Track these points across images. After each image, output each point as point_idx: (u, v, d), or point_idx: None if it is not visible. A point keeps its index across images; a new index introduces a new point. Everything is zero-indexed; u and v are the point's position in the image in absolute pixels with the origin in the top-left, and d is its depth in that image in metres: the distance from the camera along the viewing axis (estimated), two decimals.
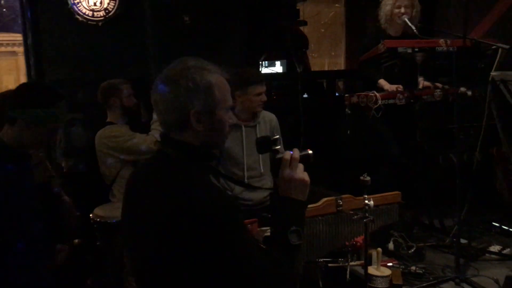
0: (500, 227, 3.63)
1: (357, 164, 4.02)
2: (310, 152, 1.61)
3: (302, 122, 4.21)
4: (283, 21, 4.20)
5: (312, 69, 5.93)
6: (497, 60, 3.16)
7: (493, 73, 3.20)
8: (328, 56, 6.43)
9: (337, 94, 4.71)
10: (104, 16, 3.71)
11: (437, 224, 3.67)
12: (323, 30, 6.40)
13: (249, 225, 2.20)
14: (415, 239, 3.45)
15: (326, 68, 6.29)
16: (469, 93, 2.96)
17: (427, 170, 3.64)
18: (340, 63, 6.19)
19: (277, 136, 1.59)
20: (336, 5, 6.18)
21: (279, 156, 1.57)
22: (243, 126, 3.01)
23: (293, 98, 4.32)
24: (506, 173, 3.85)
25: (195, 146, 1.45)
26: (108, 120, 3.14)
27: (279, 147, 1.59)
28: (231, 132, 2.94)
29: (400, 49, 3.09)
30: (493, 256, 3.23)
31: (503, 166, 3.89)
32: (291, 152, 1.57)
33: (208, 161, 1.52)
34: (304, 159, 1.57)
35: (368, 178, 2.21)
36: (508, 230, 3.53)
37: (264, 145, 1.60)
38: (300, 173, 1.54)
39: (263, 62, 4.72)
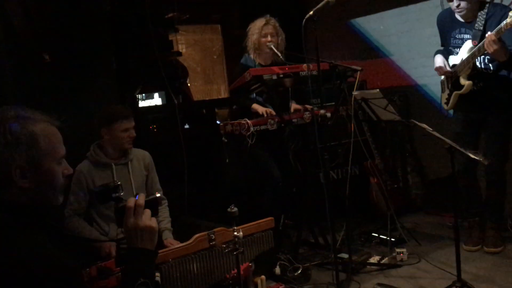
0: (379, 237, 3.82)
1: (239, 191, 4.06)
2: (158, 195, 1.54)
3: (184, 153, 4.15)
4: (156, 52, 4.13)
5: (207, 97, 5.94)
6: (356, 81, 3.36)
7: (354, 93, 3.41)
8: (222, 82, 6.50)
9: (218, 122, 4.72)
10: None
11: (322, 241, 3.76)
12: (215, 57, 6.46)
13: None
14: (301, 259, 3.51)
15: (221, 94, 6.34)
16: (328, 114, 3.10)
17: (306, 189, 3.73)
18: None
19: (119, 183, 1.50)
20: (215, 34, 6.28)
21: (122, 204, 1.48)
22: (113, 165, 2.87)
23: (173, 129, 4.25)
24: (380, 184, 4.08)
25: (21, 206, 1.32)
26: None
27: (121, 193, 1.50)
28: (100, 171, 2.82)
29: (265, 77, 3.16)
30: (373, 267, 3.37)
31: (377, 178, 4.13)
32: (136, 198, 1.49)
33: (40, 219, 1.38)
34: (150, 204, 1.50)
35: (235, 209, 2.18)
36: (385, 240, 3.71)
37: (104, 194, 1.50)
38: (147, 220, 1.47)
39: (140, 95, 4.60)
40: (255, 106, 3.50)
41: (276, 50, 3.53)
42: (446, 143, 2.52)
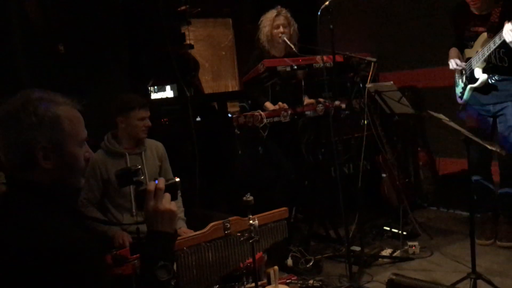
0: (390, 231, 3.81)
1: (251, 183, 4.06)
2: (177, 179, 1.55)
3: (196, 146, 4.16)
4: (168, 45, 4.13)
5: (213, 91, 5.94)
6: (370, 73, 3.35)
7: (368, 86, 3.40)
8: (231, 78, 6.52)
9: (229, 115, 4.73)
10: None
11: (333, 234, 3.76)
12: (224, 53, 6.47)
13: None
14: (313, 251, 3.50)
15: (230, 89, 6.36)
16: (343, 105, 3.09)
17: (318, 183, 3.72)
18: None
19: (139, 167, 1.51)
20: (226, 29, 6.28)
21: (142, 188, 1.49)
22: (127, 154, 2.88)
23: (185, 122, 4.26)
24: (392, 178, 4.07)
25: (44, 186, 1.32)
26: None
27: (142, 177, 1.50)
28: (114, 160, 2.83)
29: (279, 68, 3.16)
30: (385, 260, 3.37)
31: (389, 172, 4.12)
32: (156, 182, 1.49)
33: (63, 201, 1.39)
34: (170, 188, 1.50)
35: (250, 198, 2.18)
36: (397, 233, 3.70)
37: (125, 177, 1.51)
38: (167, 203, 1.47)
39: (152, 87, 4.61)
40: (268, 104, 3.50)
41: (289, 42, 3.52)
42: (462, 134, 2.51)
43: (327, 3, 2.74)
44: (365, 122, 3.40)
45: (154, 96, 4.60)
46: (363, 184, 3.51)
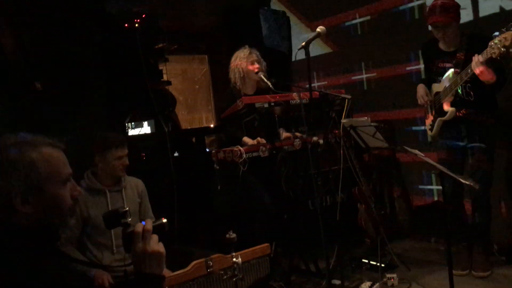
0: (369, 263, 3.84)
1: (230, 218, 4.06)
2: (165, 220, 1.56)
3: (174, 181, 4.15)
4: (146, 82, 4.18)
5: (190, 126, 5.97)
6: (345, 108, 3.45)
7: (343, 121, 3.49)
8: (206, 111, 6.57)
9: (207, 150, 4.75)
10: None
11: (313, 268, 3.77)
12: (197, 86, 6.54)
13: None
14: (294, 286, 3.50)
15: (205, 122, 6.41)
16: (321, 141, 3.17)
17: (297, 216, 3.76)
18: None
19: (127, 208, 1.51)
20: (202, 64, 6.38)
21: (130, 229, 1.49)
22: (107, 192, 2.87)
23: (163, 157, 4.27)
24: (368, 210, 4.14)
25: (25, 230, 1.32)
26: None
27: (129, 219, 1.51)
28: (94, 198, 2.82)
29: (257, 105, 3.23)
30: None
31: (365, 204, 4.19)
32: (143, 223, 1.50)
33: (44, 242, 1.38)
34: (157, 230, 1.51)
35: (234, 236, 2.20)
36: (376, 265, 3.74)
37: (112, 219, 1.51)
38: (155, 245, 1.48)
39: (130, 123, 4.62)
40: (246, 139, 3.55)
41: (265, 79, 3.61)
42: (437, 169, 2.60)
43: (303, 43, 2.85)
44: (341, 155, 3.49)
45: (131, 132, 4.60)
46: (341, 216, 3.56)
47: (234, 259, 2.19)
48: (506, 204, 3.94)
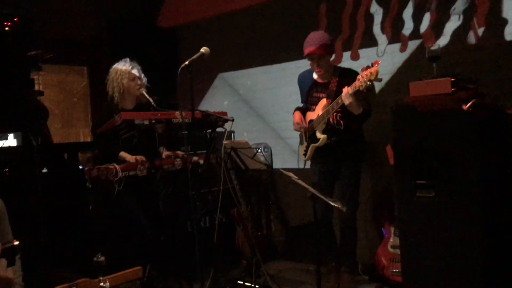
0: (244, 285, 3.88)
1: (103, 240, 3.85)
2: (16, 243, 1.41)
3: (41, 200, 3.83)
4: (14, 90, 3.84)
5: (63, 140, 5.57)
6: (226, 130, 3.50)
7: (224, 142, 3.54)
8: (83, 126, 6.20)
9: (80, 167, 4.47)
10: None
11: None
12: (76, 100, 6.16)
13: None
14: None
15: (81, 138, 6.03)
16: (201, 160, 3.16)
17: (175, 238, 3.68)
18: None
19: None
20: (80, 76, 6.05)
21: None
22: None
23: (30, 173, 3.92)
24: (246, 231, 4.20)
25: None
26: None
27: None
28: None
29: (137, 121, 3.13)
30: None
31: (243, 225, 4.24)
32: None
33: None
34: (7, 253, 1.36)
35: (102, 259, 2.07)
36: (250, 287, 3.78)
37: None
38: (1, 271, 1.33)
39: None
40: (123, 154, 3.41)
41: (147, 95, 3.53)
42: (309, 191, 2.73)
43: (186, 62, 2.84)
44: (221, 176, 3.51)
45: None
46: (219, 238, 3.56)
47: (102, 284, 2.04)
48: (370, 226, 4.27)
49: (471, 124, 2.80)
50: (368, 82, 3.01)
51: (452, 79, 2.86)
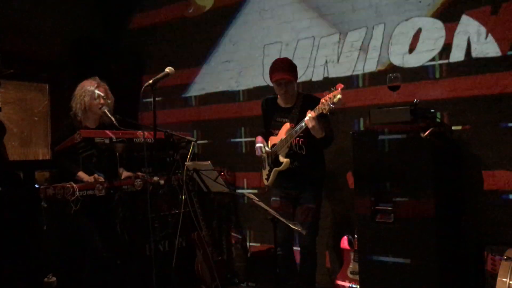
0: None
1: (57, 262, 3.70)
2: None
3: None
4: None
5: (20, 159, 5.38)
6: (189, 152, 3.47)
7: (187, 163, 3.50)
8: (42, 145, 6.03)
9: (36, 185, 4.33)
10: None
11: None
12: (36, 119, 6.00)
13: None
14: None
15: (40, 157, 5.86)
16: (162, 181, 3.12)
17: (131, 261, 3.57)
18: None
19: None
20: (41, 94, 5.92)
21: None
22: None
23: None
24: (206, 256, 4.13)
25: None
26: None
27: None
28: None
29: (97, 139, 3.07)
30: None
31: (203, 250, 4.17)
32: None
33: None
34: None
35: (53, 280, 1.99)
36: None
37: None
38: None
39: None
40: (81, 174, 3.33)
41: (109, 114, 3.47)
42: (270, 214, 2.72)
43: (150, 81, 2.82)
44: (183, 198, 3.46)
45: None
46: (178, 262, 3.48)
47: None
48: (329, 252, 4.28)
49: (428, 151, 2.89)
50: (331, 105, 3.06)
51: (411, 108, 2.95)
